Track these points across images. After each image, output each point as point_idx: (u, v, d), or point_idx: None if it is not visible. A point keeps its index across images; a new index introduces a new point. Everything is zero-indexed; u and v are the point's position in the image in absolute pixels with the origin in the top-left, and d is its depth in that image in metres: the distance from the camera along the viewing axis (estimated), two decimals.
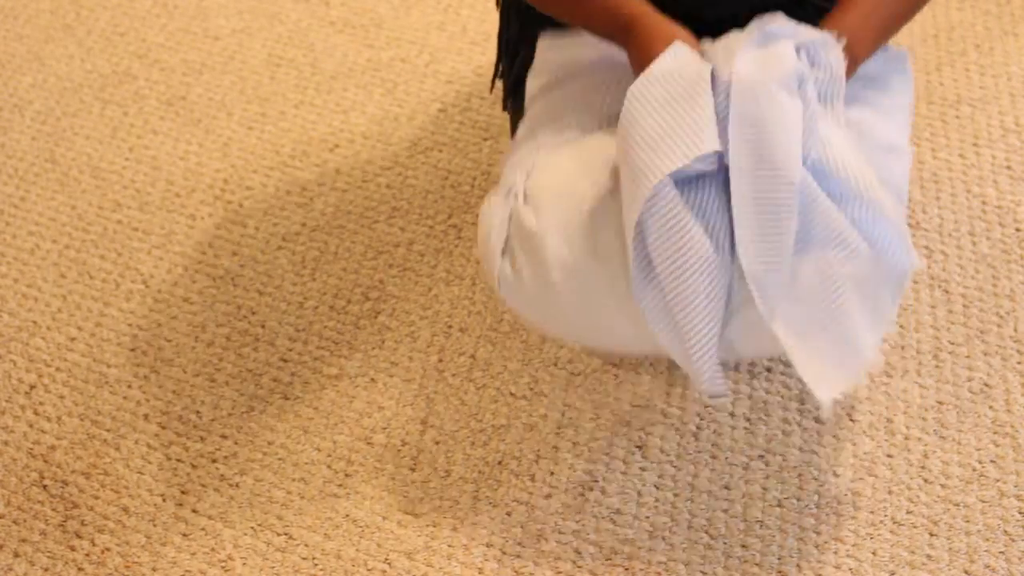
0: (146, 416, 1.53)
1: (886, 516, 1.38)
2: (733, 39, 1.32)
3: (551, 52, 1.49)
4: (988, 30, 1.96)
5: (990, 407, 1.47)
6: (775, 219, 1.25)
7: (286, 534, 1.41)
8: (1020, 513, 1.38)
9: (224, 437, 1.50)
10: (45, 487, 1.47)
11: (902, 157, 1.43)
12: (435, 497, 1.43)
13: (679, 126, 1.27)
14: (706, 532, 1.38)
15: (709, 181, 1.27)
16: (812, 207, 1.27)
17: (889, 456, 1.43)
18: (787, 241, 1.25)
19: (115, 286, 1.68)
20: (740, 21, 1.40)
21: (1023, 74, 1.88)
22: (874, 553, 1.35)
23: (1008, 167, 1.74)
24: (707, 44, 1.33)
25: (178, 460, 1.48)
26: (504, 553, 1.37)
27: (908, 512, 1.38)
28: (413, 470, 1.45)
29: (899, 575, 1.33)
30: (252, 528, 1.41)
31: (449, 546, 1.38)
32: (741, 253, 1.25)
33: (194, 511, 1.43)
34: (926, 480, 1.41)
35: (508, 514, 1.41)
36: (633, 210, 1.25)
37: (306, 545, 1.40)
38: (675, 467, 1.43)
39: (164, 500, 1.44)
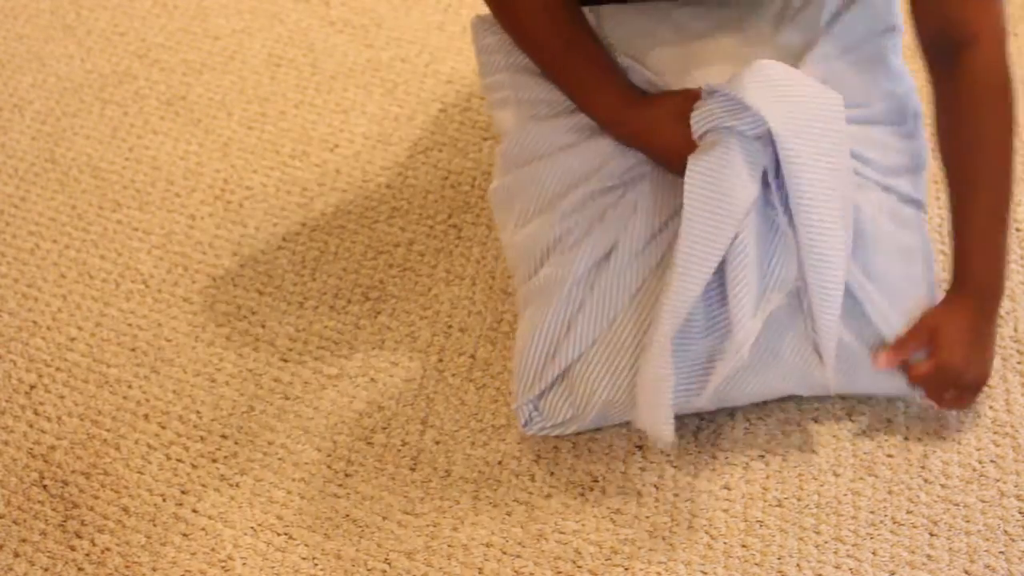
0: (146, 416, 1.53)
1: (886, 516, 1.38)
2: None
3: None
4: None
5: (990, 407, 1.47)
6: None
7: (286, 534, 1.41)
8: (1020, 513, 1.38)
9: (224, 437, 1.50)
10: (45, 487, 1.47)
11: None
12: (435, 497, 1.43)
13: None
14: (706, 532, 1.38)
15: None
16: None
17: (889, 456, 1.43)
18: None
19: (115, 286, 1.68)
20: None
21: (1023, 74, 1.88)
22: (874, 553, 1.35)
23: None
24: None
25: (178, 460, 1.48)
26: (504, 553, 1.37)
27: (908, 512, 1.38)
28: (413, 470, 1.45)
29: (899, 575, 1.33)
30: (252, 528, 1.41)
31: (449, 546, 1.38)
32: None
33: (194, 511, 1.43)
34: (926, 480, 1.41)
35: (508, 514, 1.41)
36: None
37: (306, 545, 1.40)
38: (675, 467, 1.43)
39: (164, 500, 1.44)
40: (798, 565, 1.34)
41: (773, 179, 1.31)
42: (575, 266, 1.38)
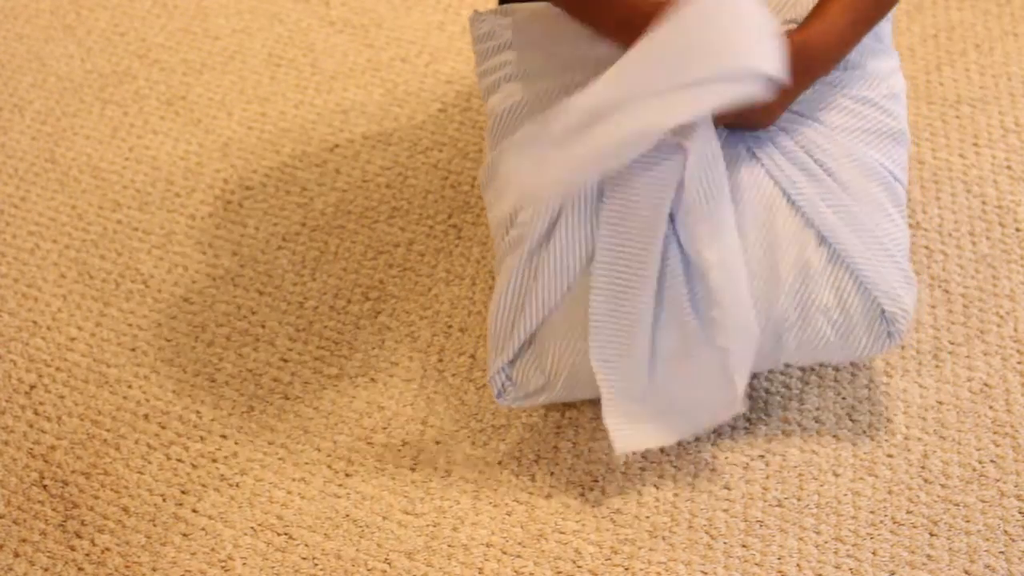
0: (146, 416, 1.53)
1: (886, 516, 1.38)
2: None
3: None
4: (988, 30, 1.96)
5: (990, 407, 1.47)
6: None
7: (286, 534, 1.41)
8: (1020, 513, 1.38)
9: (224, 437, 1.50)
10: (45, 487, 1.47)
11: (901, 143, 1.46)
12: (435, 497, 1.43)
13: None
14: (706, 532, 1.38)
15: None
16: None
17: (889, 456, 1.43)
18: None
19: (115, 286, 1.68)
20: None
21: (1023, 74, 1.88)
22: (874, 553, 1.35)
23: (1008, 167, 1.74)
24: None
25: (178, 460, 1.48)
26: (504, 553, 1.37)
27: (908, 512, 1.38)
28: (413, 470, 1.45)
29: (899, 575, 1.33)
30: (252, 528, 1.41)
31: (449, 546, 1.38)
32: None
33: (194, 511, 1.43)
34: (926, 480, 1.41)
35: (508, 514, 1.41)
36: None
37: (306, 545, 1.40)
38: (675, 467, 1.43)
39: (164, 500, 1.44)
40: (798, 565, 1.34)
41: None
42: (534, 228, 1.38)
